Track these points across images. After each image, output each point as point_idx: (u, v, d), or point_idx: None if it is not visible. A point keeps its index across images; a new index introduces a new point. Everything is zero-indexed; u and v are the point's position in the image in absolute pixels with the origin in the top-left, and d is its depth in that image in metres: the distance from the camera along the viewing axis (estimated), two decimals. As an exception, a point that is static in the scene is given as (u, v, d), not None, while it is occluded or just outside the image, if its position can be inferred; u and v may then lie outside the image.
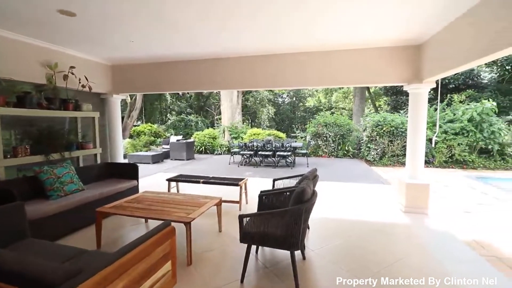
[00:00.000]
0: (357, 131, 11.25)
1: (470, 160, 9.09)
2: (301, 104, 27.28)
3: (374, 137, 9.60)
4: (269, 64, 5.03)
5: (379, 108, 22.23)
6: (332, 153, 11.02)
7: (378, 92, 21.20)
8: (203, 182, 4.83)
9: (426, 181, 4.48)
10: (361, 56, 4.62)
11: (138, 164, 5.20)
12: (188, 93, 24.34)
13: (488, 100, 9.30)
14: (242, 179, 4.92)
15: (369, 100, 24.61)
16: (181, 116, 17.87)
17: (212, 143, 12.80)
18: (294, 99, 27.24)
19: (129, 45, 4.52)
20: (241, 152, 9.05)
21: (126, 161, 8.68)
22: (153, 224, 3.76)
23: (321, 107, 26.35)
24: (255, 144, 9.03)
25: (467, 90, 12.94)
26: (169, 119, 22.75)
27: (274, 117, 27.42)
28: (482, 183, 6.97)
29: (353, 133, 11.36)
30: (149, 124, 15.78)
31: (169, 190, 5.12)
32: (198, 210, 3.24)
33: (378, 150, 9.54)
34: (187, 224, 2.93)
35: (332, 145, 10.94)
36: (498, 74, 12.98)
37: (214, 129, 15.32)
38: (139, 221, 4.12)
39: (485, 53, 2.82)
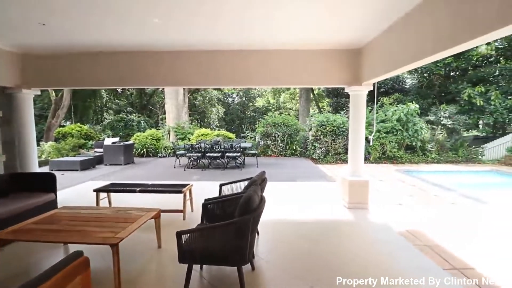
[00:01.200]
0: (304, 131, 11.67)
1: (399, 155, 10.22)
2: (251, 104, 27.43)
3: (318, 136, 10.07)
4: (214, 60, 4.71)
5: (322, 109, 23.73)
6: (281, 153, 11.22)
7: (321, 94, 22.60)
8: (141, 191, 4.24)
9: (366, 178, 4.73)
10: (306, 57, 4.64)
11: (63, 172, 4.30)
12: (128, 90, 22.22)
13: (412, 103, 10.60)
14: (187, 184, 4.49)
15: (314, 101, 26.11)
16: (120, 115, 16.13)
17: (155, 145, 11.79)
18: (244, 99, 27.21)
19: (43, 30, 3.67)
20: (188, 154, 8.48)
21: (46, 169, 7.31)
22: (75, 247, 3.09)
23: (270, 107, 26.95)
24: (202, 145, 8.56)
25: (395, 94, 14.66)
26: (105, 118, 20.39)
27: (224, 117, 27.01)
28: (409, 176, 7.84)
29: (300, 133, 11.75)
30: (78, 124, 13.77)
31: (97, 204, 4.37)
32: (129, 227, 2.74)
33: (322, 149, 10.03)
34: (114, 246, 2.43)
35: (280, 144, 11.14)
36: (418, 80, 14.99)
37: (158, 129, 14.20)
38: (57, 245, 3.37)
39: (413, 60, 3.03)
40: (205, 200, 3.08)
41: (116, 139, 11.00)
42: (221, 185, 3.74)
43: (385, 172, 8.48)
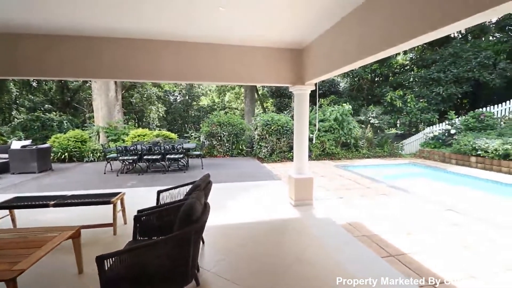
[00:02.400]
0: (249, 130, 11.65)
1: (336, 152, 11.04)
2: (195, 103, 26.37)
3: (264, 136, 10.16)
4: (158, 51, 4.17)
5: (267, 109, 24.32)
6: (227, 153, 10.97)
7: (265, 94, 23.13)
8: (56, 205, 3.45)
9: (310, 175, 4.84)
10: (255, 54, 4.50)
11: None
12: (46, 83, 18.89)
13: (346, 104, 11.57)
14: (118, 193, 3.86)
15: (258, 101, 26.57)
16: (36, 114, 13.49)
17: (80, 148, 10.16)
18: (187, 97, 25.97)
19: None
20: (121, 158, 7.50)
21: None
22: None
23: (215, 107, 26.40)
24: (139, 147, 7.68)
25: (331, 95, 15.89)
26: (15, 117, 16.90)
27: (165, 116, 25.35)
28: (346, 171, 8.49)
29: (246, 132, 11.70)
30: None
31: (-7, 224, 3.42)
32: (34, 255, 2.14)
33: (268, 148, 10.15)
34: (10, 282, 1.85)
35: (226, 144, 10.88)
36: (350, 84, 16.53)
37: (84, 130, 12.35)
38: None
39: (348, 62, 3.17)
40: (138, 211, 2.62)
41: (28, 141, 9.11)
42: (159, 192, 3.29)
43: (326, 168, 9.02)
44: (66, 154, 9.84)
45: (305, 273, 2.72)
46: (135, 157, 7.61)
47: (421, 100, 13.26)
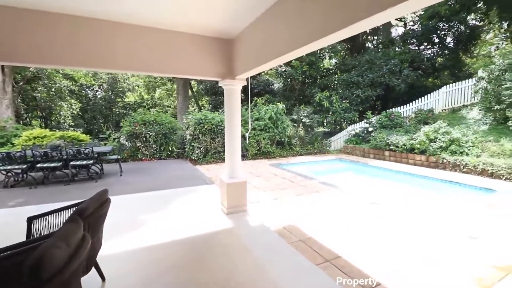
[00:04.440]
0: (181, 130, 10.68)
1: (271, 151, 11.06)
2: (120, 99, 23.36)
3: (197, 135, 9.39)
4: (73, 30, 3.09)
5: (202, 107, 23.30)
6: (154, 155, 9.75)
7: (200, 91, 22.07)
8: None
9: (243, 178, 4.43)
10: (181, 42, 3.80)
11: None
12: None
13: (280, 103, 11.72)
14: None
15: (193, 99, 25.25)
16: None
17: None
18: (110, 93, 22.79)
19: None
20: (1, 168, 5.69)
21: None
22: None
23: (144, 104, 24.00)
24: (29, 152, 5.98)
25: (265, 95, 16.06)
26: None
27: (81, 114, 21.75)
28: (280, 169, 8.47)
29: (178, 132, 10.69)
30: None
31: None
32: None
33: (201, 148, 9.42)
34: None
35: (153, 146, 9.65)
36: (283, 84, 17.03)
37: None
38: None
39: (282, 53, 2.84)
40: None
41: None
42: (30, 220, 2.31)
43: (261, 167, 8.84)
44: None
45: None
46: (24, 165, 5.89)
47: (344, 101, 14.51)
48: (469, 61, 17.26)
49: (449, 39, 16.25)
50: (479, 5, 14.48)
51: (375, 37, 20.42)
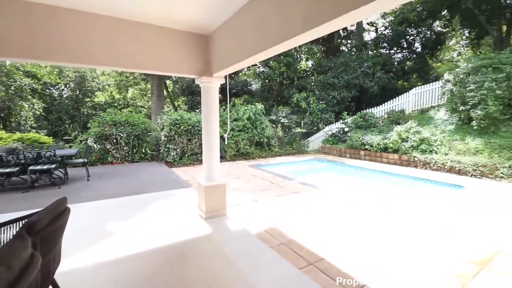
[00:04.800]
0: (155, 131, 10.18)
1: (250, 151, 10.92)
2: (89, 99, 21.98)
3: (172, 137, 8.98)
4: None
5: (178, 108, 22.62)
6: (126, 158, 9.17)
7: (176, 91, 21.41)
8: None
9: (222, 180, 4.22)
10: (157, 36, 3.54)
11: None
12: None
13: (259, 103, 11.62)
14: None
15: (168, 99, 24.45)
16: None
17: None
18: (78, 92, 21.36)
19: None
20: None
21: None
22: None
23: (116, 104, 22.80)
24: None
25: (244, 95, 15.92)
26: None
27: (45, 115, 20.14)
28: (260, 170, 8.35)
29: (152, 133, 10.18)
30: None
31: None
32: None
33: (177, 150, 9.02)
34: None
35: (125, 148, 9.07)
36: (261, 84, 17.00)
37: None
38: None
39: (259, 50, 2.71)
40: None
41: None
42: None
43: (240, 168, 8.66)
44: None
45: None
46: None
47: (321, 102, 14.77)
48: (435, 65, 18.41)
49: (417, 44, 17.19)
50: (443, 13, 15.48)
51: (349, 41, 21.11)
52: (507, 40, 12.45)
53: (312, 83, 16.35)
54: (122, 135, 8.84)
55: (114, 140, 8.89)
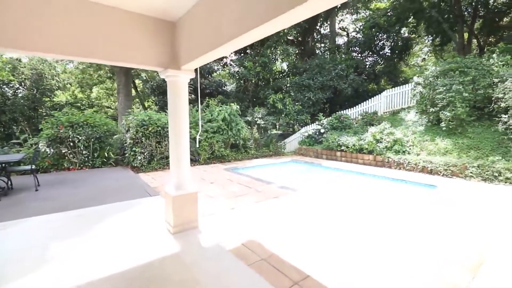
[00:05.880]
0: (120, 133, 9.29)
1: (226, 154, 10.42)
2: (48, 99, 19.99)
3: (139, 139, 8.19)
4: None
5: (148, 109, 21.42)
6: (86, 163, 8.19)
7: (145, 91, 20.20)
8: None
9: (193, 189, 3.71)
10: (109, 18, 2.95)
11: None
12: None
13: (234, 104, 11.17)
14: None
15: (138, 99, 23.11)
16: None
17: None
18: (35, 91, 19.31)
19: None
20: None
21: None
22: None
23: (79, 104, 21.04)
24: None
25: (218, 96, 15.38)
26: None
27: (-6, 116, 17.90)
28: (236, 174, 7.89)
29: (118, 136, 9.27)
30: None
31: None
32: None
33: (145, 154, 8.25)
34: None
35: (84, 152, 8.10)
36: (236, 85, 16.57)
37: None
38: None
39: (239, 33, 2.28)
40: None
41: None
42: None
43: (215, 172, 8.14)
44: None
45: None
46: None
47: (296, 103, 14.68)
48: (404, 69, 19.29)
49: (387, 49, 17.88)
50: (410, 20, 16.23)
51: (322, 45, 21.45)
52: (468, 46, 13.30)
53: (288, 84, 16.26)
54: (80, 138, 7.88)
55: (71, 144, 7.90)
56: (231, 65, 17.88)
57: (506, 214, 4.37)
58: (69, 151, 7.89)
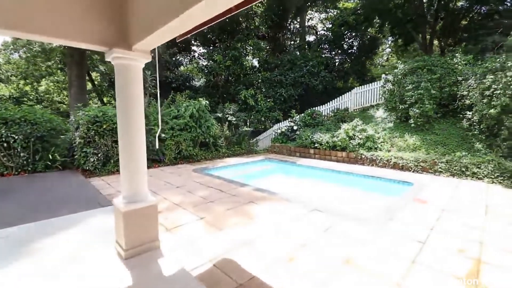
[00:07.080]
0: (69, 131, 8.02)
1: (194, 153, 9.62)
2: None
3: (92, 138, 7.06)
4: None
5: (108, 104, 19.58)
6: (25, 168, 6.85)
7: (103, 85, 18.34)
8: None
9: (151, 200, 3.00)
10: None
11: None
12: None
13: (203, 99, 10.36)
14: None
15: (95, 94, 21.04)
16: None
17: None
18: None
19: None
20: None
21: None
22: None
23: (25, 99, 18.51)
24: None
25: (186, 90, 14.38)
26: None
27: None
28: (206, 175, 7.19)
29: (66, 134, 7.98)
30: None
31: None
32: None
33: (99, 155, 7.15)
34: None
35: (22, 154, 6.76)
36: (205, 80, 15.67)
37: None
38: None
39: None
40: None
41: None
42: None
43: (183, 174, 7.35)
44: None
45: None
46: None
47: (268, 100, 14.28)
48: (370, 67, 19.89)
49: (355, 47, 18.24)
50: (376, 20, 16.66)
51: (292, 42, 21.31)
52: (430, 47, 13.98)
53: (260, 80, 15.78)
54: (16, 137, 6.55)
55: (5, 144, 6.54)
56: (199, 58, 16.89)
57: None
58: (2, 154, 6.51)
